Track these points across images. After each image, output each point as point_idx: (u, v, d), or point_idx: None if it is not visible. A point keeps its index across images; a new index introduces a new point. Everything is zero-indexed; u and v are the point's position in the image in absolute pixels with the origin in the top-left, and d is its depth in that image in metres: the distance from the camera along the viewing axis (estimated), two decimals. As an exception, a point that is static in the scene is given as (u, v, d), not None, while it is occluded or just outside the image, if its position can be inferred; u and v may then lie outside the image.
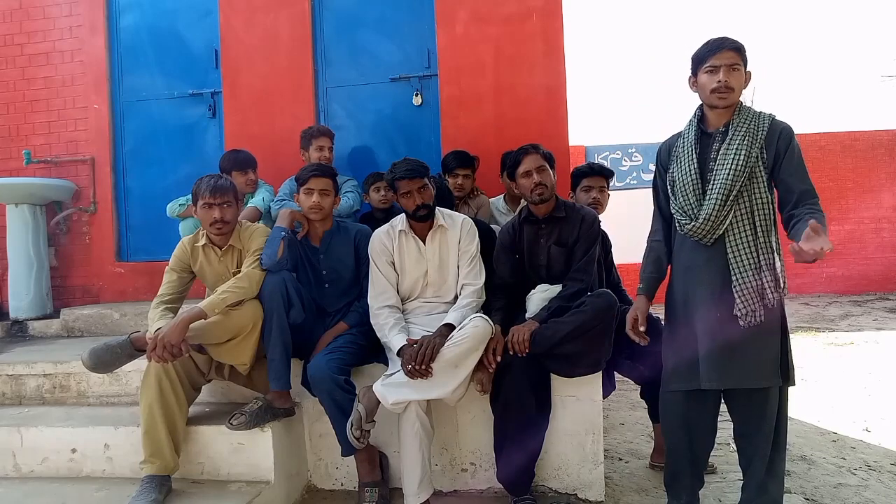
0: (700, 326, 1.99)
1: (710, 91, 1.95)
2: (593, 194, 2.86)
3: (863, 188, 10.36)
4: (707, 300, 1.98)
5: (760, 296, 1.91)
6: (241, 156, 3.23)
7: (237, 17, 3.98)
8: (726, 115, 2.00)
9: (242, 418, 2.26)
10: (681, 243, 2.10)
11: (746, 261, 1.92)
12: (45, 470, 2.44)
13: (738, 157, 1.92)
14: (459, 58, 3.72)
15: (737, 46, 1.94)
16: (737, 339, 1.92)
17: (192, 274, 2.53)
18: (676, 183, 2.07)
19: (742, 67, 1.95)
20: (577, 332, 2.21)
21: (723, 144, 1.97)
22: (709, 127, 2.04)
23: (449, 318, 2.35)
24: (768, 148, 1.94)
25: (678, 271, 2.12)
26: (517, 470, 2.33)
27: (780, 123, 1.97)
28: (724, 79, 1.92)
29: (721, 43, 1.94)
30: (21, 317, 3.86)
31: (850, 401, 4.08)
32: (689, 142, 2.05)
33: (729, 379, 1.95)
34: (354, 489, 2.48)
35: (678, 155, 2.08)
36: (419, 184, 2.43)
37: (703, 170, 2.01)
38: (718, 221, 1.95)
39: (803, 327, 7.32)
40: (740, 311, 1.92)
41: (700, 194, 2.00)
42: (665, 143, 2.19)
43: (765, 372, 1.93)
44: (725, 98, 1.94)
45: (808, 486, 2.62)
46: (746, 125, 1.96)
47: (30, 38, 4.26)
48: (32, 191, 3.96)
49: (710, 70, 1.95)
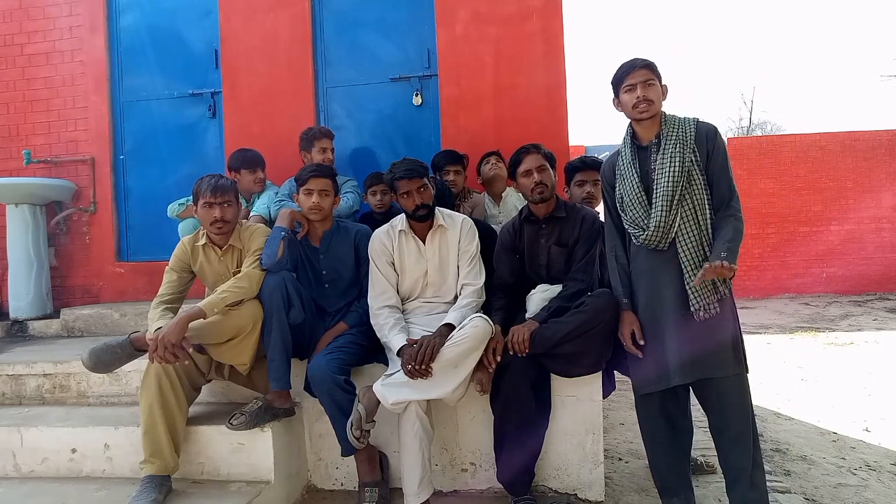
0: (665, 326, 2.08)
1: (631, 107, 2.11)
2: (587, 188, 2.88)
3: (863, 188, 10.35)
4: (668, 301, 2.09)
5: (713, 290, 2.03)
6: (250, 154, 3.25)
7: (237, 17, 3.98)
8: (654, 126, 2.14)
9: (242, 418, 2.26)
10: (636, 251, 2.19)
11: (696, 259, 2.04)
12: (45, 470, 2.44)
13: (673, 163, 2.06)
14: (459, 58, 3.72)
15: (647, 64, 2.11)
16: (698, 333, 2.04)
17: (192, 274, 2.53)
18: (625, 199, 2.17)
19: (657, 82, 2.11)
20: (577, 332, 2.21)
21: (658, 154, 2.10)
22: (642, 141, 2.17)
23: (449, 318, 2.35)
24: (699, 149, 2.09)
25: (636, 278, 2.20)
26: (517, 470, 2.33)
27: (704, 125, 2.13)
28: (642, 94, 2.08)
29: (633, 64, 2.12)
30: (21, 317, 3.86)
31: (850, 401, 4.08)
32: (628, 158, 2.18)
33: (695, 372, 2.06)
34: (354, 489, 2.48)
35: (621, 172, 2.20)
36: (418, 184, 2.43)
37: (646, 182, 2.14)
38: (668, 227, 2.06)
39: (803, 327, 7.32)
40: (694, 305, 2.03)
41: (647, 205, 2.11)
42: (607, 161, 2.30)
43: (725, 361, 2.05)
44: (647, 110, 2.09)
45: (808, 486, 2.62)
46: (676, 132, 2.10)
47: (30, 38, 4.26)
48: (32, 191, 3.96)
49: (628, 89, 2.12)
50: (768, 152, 10.60)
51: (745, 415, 2.06)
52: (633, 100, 2.09)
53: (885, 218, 10.37)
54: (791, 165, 10.52)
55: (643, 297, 2.16)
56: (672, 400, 2.16)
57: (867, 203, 10.34)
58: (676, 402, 2.18)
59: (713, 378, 2.06)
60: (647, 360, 2.14)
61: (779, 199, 10.44)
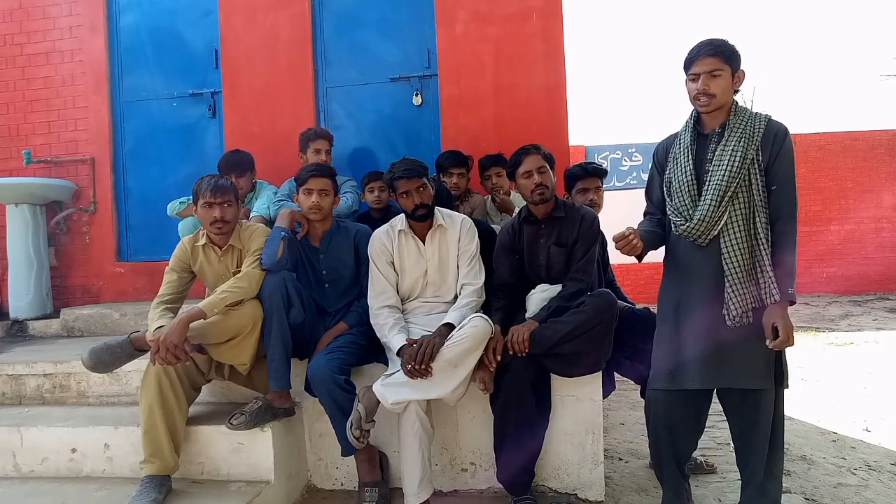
0: (693, 326, 2.00)
1: (693, 98, 2.01)
2: (590, 196, 2.85)
3: (863, 188, 10.36)
4: (700, 301, 2.00)
5: (752, 297, 1.93)
6: (235, 158, 3.18)
7: (237, 17, 3.98)
8: (721, 115, 2.01)
9: (242, 418, 2.26)
10: (675, 243, 2.11)
11: (740, 262, 1.93)
12: (45, 470, 2.44)
13: (734, 157, 1.93)
14: (459, 58, 3.72)
15: (716, 51, 1.94)
16: (728, 339, 1.94)
17: (192, 274, 2.53)
18: (672, 184, 2.08)
19: (725, 70, 1.95)
20: (577, 332, 2.21)
21: (719, 145, 1.98)
22: (705, 128, 2.05)
23: (449, 318, 2.35)
24: (764, 149, 1.94)
25: (670, 271, 2.14)
26: (517, 470, 2.33)
27: (776, 124, 1.98)
28: (702, 87, 1.95)
29: (699, 50, 1.97)
30: (21, 317, 3.86)
31: (850, 401, 4.08)
32: (686, 143, 2.06)
33: (719, 379, 1.97)
34: (354, 489, 2.49)
35: (675, 156, 2.09)
36: (418, 183, 2.43)
37: (699, 171, 2.02)
38: (713, 222, 1.95)
39: (803, 327, 7.32)
40: (730, 311, 1.93)
41: (695, 195, 2.01)
42: (662, 143, 2.20)
43: (755, 373, 1.94)
44: (706, 105, 1.97)
45: (808, 486, 2.62)
46: (743, 126, 1.96)
47: (30, 38, 4.26)
48: (32, 191, 3.96)
49: (692, 78, 1.99)
50: (768, 152, 10.60)
51: (766, 430, 1.97)
52: (694, 91, 1.98)
53: (885, 218, 10.38)
54: (791, 165, 10.51)
55: (675, 292, 2.09)
56: (680, 405, 2.06)
57: (867, 203, 10.35)
58: (685, 407, 2.07)
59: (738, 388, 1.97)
60: (667, 355, 2.06)
61: (779, 199, 10.43)
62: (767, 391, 1.96)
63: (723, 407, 2.11)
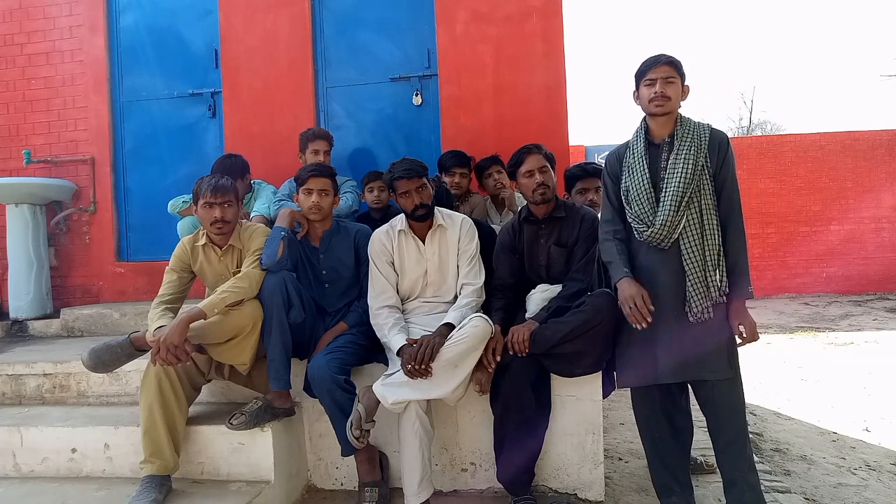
0: (659, 324, 2.08)
1: (648, 101, 2.12)
2: (590, 196, 2.87)
3: (863, 188, 10.35)
4: (665, 299, 2.09)
5: (710, 293, 2.05)
6: (227, 163, 3.09)
7: (237, 17, 3.98)
8: (669, 125, 2.15)
9: (242, 418, 2.26)
10: (637, 247, 2.19)
11: (698, 262, 2.06)
12: (45, 470, 2.44)
13: (686, 165, 2.07)
14: (459, 58, 3.72)
15: (671, 61, 2.11)
16: (691, 334, 2.07)
17: (193, 274, 2.53)
18: (630, 192, 2.17)
19: (678, 80, 2.12)
20: (577, 332, 2.21)
21: (671, 154, 2.11)
22: (655, 138, 2.18)
23: (449, 318, 2.34)
24: (711, 155, 2.10)
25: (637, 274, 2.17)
26: (517, 470, 2.33)
27: (718, 132, 2.15)
28: (660, 90, 2.09)
29: (657, 59, 2.13)
30: (21, 317, 3.86)
31: (850, 401, 4.08)
32: (639, 153, 2.18)
33: (686, 372, 2.10)
34: (354, 489, 2.48)
35: (629, 165, 2.20)
36: (417, 183, 2.43)
37: (654, 179, 2.14)
38: (673, 227, 2.08)
39: (803, 327, 7.32)
40: (692, 308, 2.06)
41: (654, 202, 2.12)
42: (613, 153, 2.30)
43: (718, 365, 2.07)
44: (662, 106, 2.10)
45: (808, 486, 2.63)
46: (690, 136, 2.11)
47: (30, 38, 4.26)
48: (32, 191, 3.96)
49: (648, 83, 2.13)
50: (768, 152, 10.61)
51: (737, 419, 2.09)
52: (651, 94, 2.10)
53: (885, 218, 10.37)
54: (791, 165, 10.52)
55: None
56: (668, 398, 2.20)
57: (867, 203, 10.34)
58: (672, 399, 2.21)
59: (706, 380, 2.09)
60: (636, 353, 2.16)
61: (779, 199, 10.45)
62: (732, 382, 2.08)
63: (697, 401, 2.20)
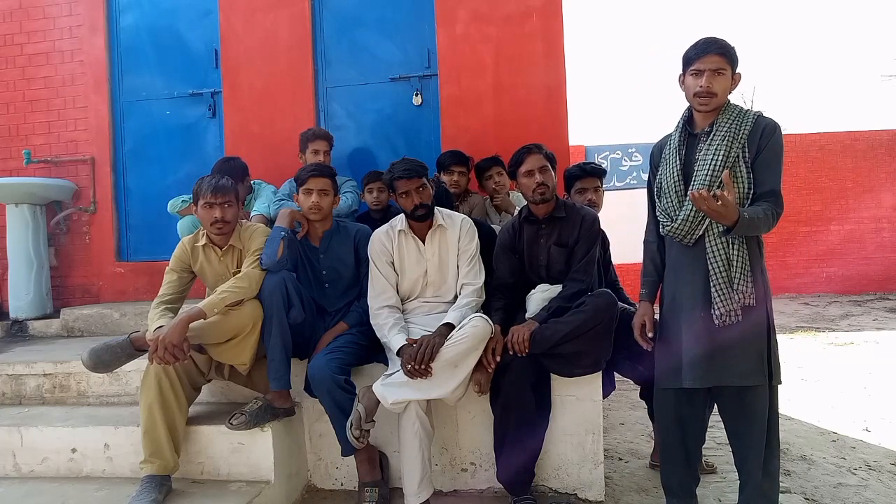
0: (684, 326, 2.01)
1: (692, 94, 1.98)
2: (589, 195, 2.86)
3: (863, 188, 10.35)
4: (690, 300, 2.01)
5: (738, 295, 1.92)
6: (226, 167, 3.06)
7: (237, 17, 3.98)
8: (712, 115, 2.00)
9: (242, 418, 2.26)
10: (669, 244, 2.12)
11: (723, 261, 1.93)
12: (45, 470, 2.44)
13: (717, 155, 1.92)
14: (459, 58, 3.72)
15: (722, 51, 1.92)
16: (718, 337, 1.94)
17: (193, 274, 2.53)
18: (662, 185, 2.09)
19: (728, 71, 1.94)
20: (577, 332, 2.21)
21: (705, 144, 1.98)
22: (695, 128, 2.05)
23: (449, 318, 2.34)
24: (750, 145, 1.93)
25: (667, 271, 2.14)
26: (517, 470, 2.33)
27: (765, 119, 1.96)
28: (706, 84, 1.92)
29: (707, 46, 1.93)
30: (21, 317, 3.86)
31: (850, 401, 4.08)
32: (675, 143, 2.07)
33: (710, 377, 1.97)
34: (354, 489, 2.48)
35: (665, 156, 2.10)
36: (417, 183, 2.43)
37: (687, 171, 2.02)
38: (696, 222, 1.96)
39: (803, 327, 7.32)
40: (717, 309, 1.93)
41: (682, 195, 2.01)
42: (657, 144, 2.20)
43: (747, 370, 1.94)
44: (707, 104, 1.95)
45: (808, 486, 2.62)
46: (729, 124, 1.95)
47: (30, 38, 4.26)
48: (32, 191, 3.96)
49: (694, 73, 1.96)
50: (768, 152, 10.60)
51: (761, 427, 1.96)
52: (697, 88, 1.94)
53: (885, 218, 10.37)
54: (791, 165, 10.50)
55: (670, 291, 2.11)
56: (687, 402, 2.06)
57: (867, 203, 10.34)
58: (692, 404, 2.07)
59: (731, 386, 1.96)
60: (667, 355, 2.07)
61: (779, 199, 10.44)
62: (761, 388, 1.95)
63: (717, 405, 2.12)
